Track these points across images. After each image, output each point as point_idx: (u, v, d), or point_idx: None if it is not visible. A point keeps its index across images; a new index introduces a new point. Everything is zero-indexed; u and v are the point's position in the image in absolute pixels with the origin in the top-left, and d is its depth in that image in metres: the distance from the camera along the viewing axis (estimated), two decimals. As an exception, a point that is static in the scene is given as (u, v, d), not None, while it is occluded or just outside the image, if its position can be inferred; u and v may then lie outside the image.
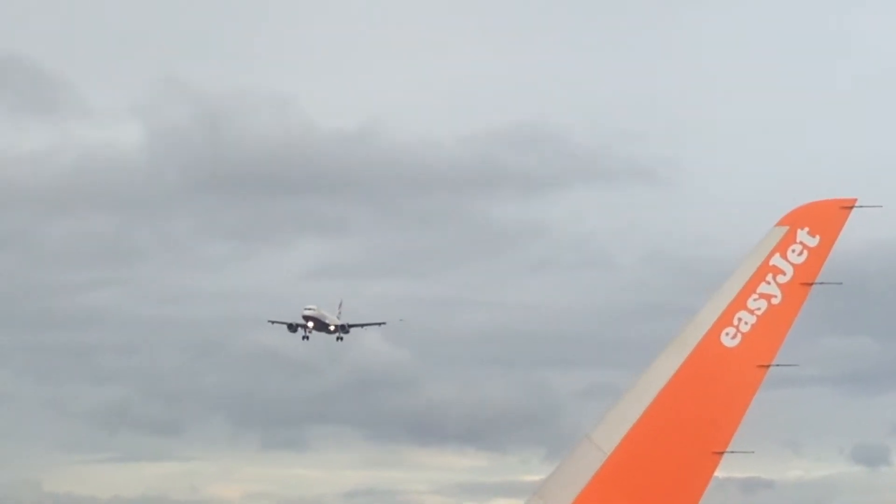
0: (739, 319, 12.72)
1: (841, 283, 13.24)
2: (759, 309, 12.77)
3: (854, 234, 13.33)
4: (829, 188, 13.34)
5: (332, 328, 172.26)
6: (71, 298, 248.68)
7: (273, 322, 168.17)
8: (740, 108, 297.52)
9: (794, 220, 13.06)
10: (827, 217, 13.27)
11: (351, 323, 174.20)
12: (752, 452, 12.33)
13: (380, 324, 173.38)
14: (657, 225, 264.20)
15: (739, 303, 12.81)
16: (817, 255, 12.91)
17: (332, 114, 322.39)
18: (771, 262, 12.90)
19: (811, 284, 12.91)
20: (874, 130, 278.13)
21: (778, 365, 12.70)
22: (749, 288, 12.94)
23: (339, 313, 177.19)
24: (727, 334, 12.75)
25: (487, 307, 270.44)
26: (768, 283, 12.96)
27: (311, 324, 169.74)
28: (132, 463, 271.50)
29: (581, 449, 12.15)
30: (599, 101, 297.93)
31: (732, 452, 12.25)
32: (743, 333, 12.74)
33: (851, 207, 13.19)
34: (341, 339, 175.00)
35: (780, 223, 13.09)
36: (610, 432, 12.16)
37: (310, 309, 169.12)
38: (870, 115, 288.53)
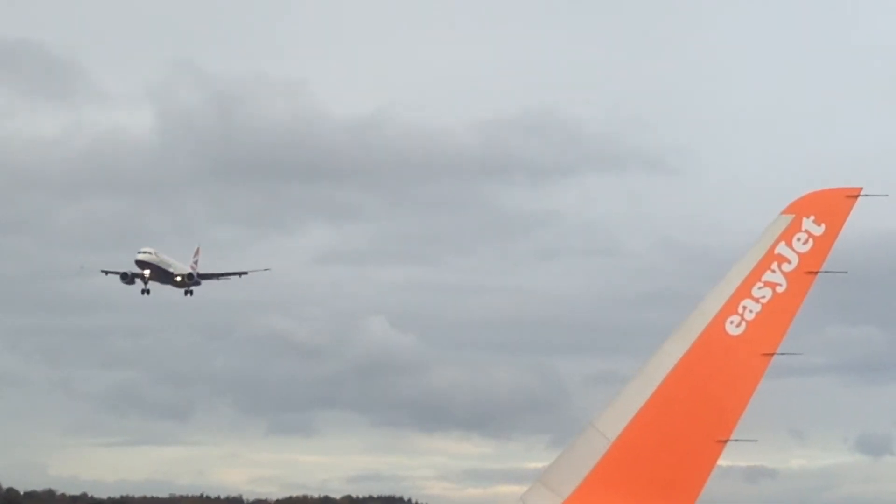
0: (744, 308, 12.47)
1: (846, 272, 12.98)
2: (763, 297, 12.52)
3: (859, 222, 13.09)
4: (835, 177, 13.09)
5: (177, 278, 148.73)
6: (82, 282, 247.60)
7: (107, 272, 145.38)
8: (750, 97, 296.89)
9: (800, 208, 12.80)
10: (832, 206, 13.00)
11: (204, 273, 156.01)
12: (756, 441, 12.11)
13: (240, 273, 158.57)
14: (666, 213, 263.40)
15: (744, 291, 12.56)
16: (822, 244, 12.65)
17: (344, 100, 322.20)
18: (776, 251, 12.64)
19: (816, 273, 12.65)
20: (882, 120, 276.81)
21: (782, 353, 12.44)
22: (754, 276, 12.68)
23: (196, 261, 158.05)
24: (732, 322, 12.49)
25: (496, 294, 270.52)
26: (773, 271, 12.69)
27: (147, 272, 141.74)
28: (138, 447, 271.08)
29: (585, 436, 11.92)
30: (610, 89, 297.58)
31: (736, 441, 12.01)
32: (747, 322, 12.49)
33: (857, 196, 12.94)
34: (190, 292, 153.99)
35: (786, 211, 12.84)
36: (614, 420, 11.92)
37: (145, 252, 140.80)
38: (878, 105, 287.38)
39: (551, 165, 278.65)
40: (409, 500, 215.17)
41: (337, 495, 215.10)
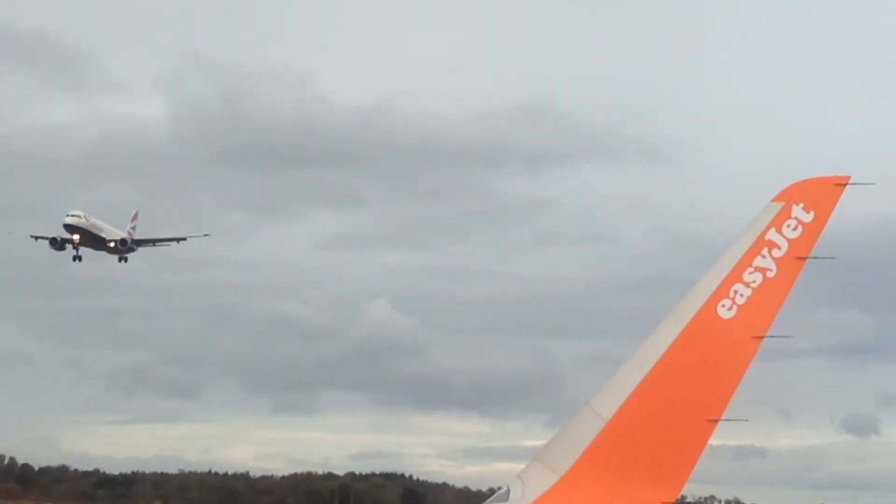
0: (735, 292, 12.73)
1: (834, 258, 13.25)
2: (754, 282, 12.78)
3: (848, 210, 13.34)
4: (824, 166, 13.34)
5: (110, 244, 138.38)
6: (94, 266, 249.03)
7: (36, 238, 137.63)
8: (742, 89, 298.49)
9: (790, 196, 13.06)
10: (821, 193, 13.27)
11: (139, 238, 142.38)
12: (746, 421, 12.39)
13: (178, 240, 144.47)
14: (661, 201, 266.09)
15: (735, 276, 12.82)
16: (812, 231, 12.90)
17: (348, 91, 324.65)
18: (767, 237, 12.91)
19: (805, 259, 12.91)
20: (870, 112, 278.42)
21: (772, 336, 12.71)
22: (745, 261, 12.96)
23: (133, 227, 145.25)
24: (723, 306, 12.76)
25: (494, 278, 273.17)
26: (764, 256, 12.97)
27: (76, 237, 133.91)
28: (148, 424, 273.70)
29: (581, 416, 12.19)
30: (605, 81, 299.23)
31: (727, 420, 12.29)
32: (738, 305, 12.75)
33: (845, 184, 13.18)
34: (125, 259, 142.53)
35: (776, 199, 13.10)
36: (609, 400, 12.20)
37: (73, 216, 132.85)
38: (866, 97, 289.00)
39: (547, 155, 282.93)
40: (410, 477, 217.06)
41: (340, 472, 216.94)
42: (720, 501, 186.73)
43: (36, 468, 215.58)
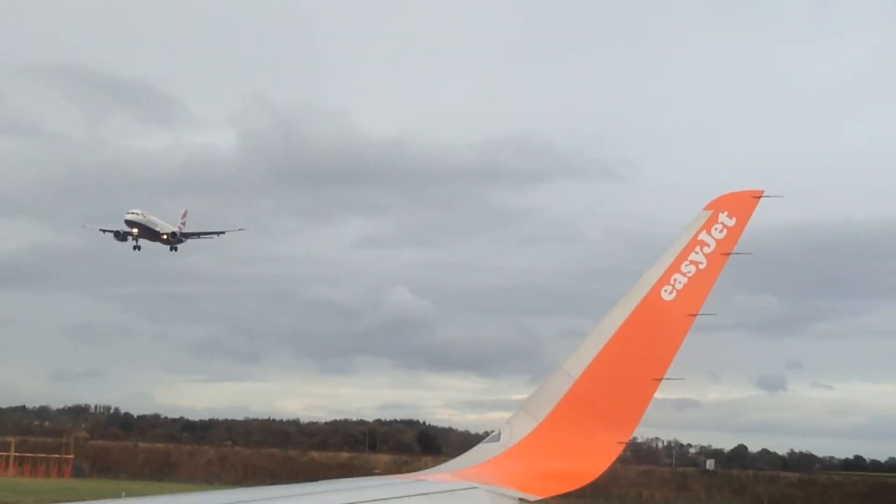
0: (675, 280, 12.66)
1: (752, 254, 13.23)
2: (689, 272, 12.72)
3: (762, 216, 13.31)
4: (745, 182, 13.38)
5: (163, 236, 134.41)
6: (179, 260, 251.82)
7: (104, 231, 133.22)
8: (679, 120, 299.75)
9: (717, 205, 13.04)
10: (741, 204, 13.27)
11: (186, 231, 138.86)
12: (683, 379, 12.33)
13: (218, 233, 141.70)
14: (616, 209, 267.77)
15: (675, 267, 12.77)
16: (734, 232, 12.84)
17: (377, 125, 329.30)
18: (699, 238, 12.87)
19: (729, 254, 12.85)
20: (781, 138, 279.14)
21: (703, 314, 12.65)
22: (682, 256, 12.94)
23: (183, 223, 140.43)
24: (666, 290, 12.70)
25: (489, 270, 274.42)
26: (697, 253, 12.95)
27: (135, 230, 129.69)
28: (221, 383, 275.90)
29: (556, 375, 12.18)
30: (573, 118, 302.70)
31: (668, 379, 12.24)
32: (677, 290, 12.68)
33: (760, 197, 13.16)
34: (175, 249, 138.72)
35: (707, 208, 13.07)
36: (577, 363, 12.19)
37: (132, 213, 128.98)
38: (778, 126, 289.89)
39: (531, 175, 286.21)
40: (424, 423, 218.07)
41: (369, 419, 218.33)
42: (663, 441, 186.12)
43: (135, 416, 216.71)
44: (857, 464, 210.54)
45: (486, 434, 11.61)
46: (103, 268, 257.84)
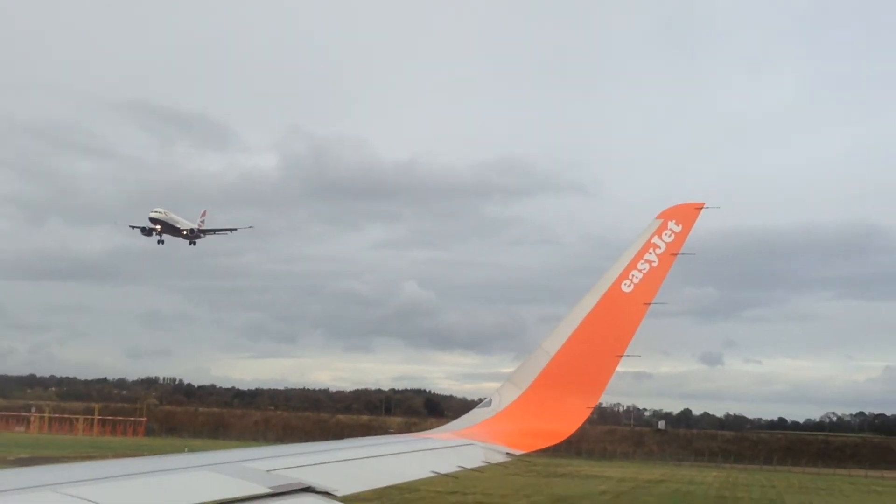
0: (633, 275, 12.60)
1: (694, 254, 13.19)
2: (644, 269, 12.66)
3: (704, 223, 13.25)
4: (691, 196, 13.39)
5: (184, 232, 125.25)
6: (231, 260, 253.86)
7: (133, 227, 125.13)
8: (637, 148, 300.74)
9: (667, 215, 12.99)
10: (686, 213, 13.24)
11: (204, 228, 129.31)
12: (640, 356, 12.28)
13: (231, 230, 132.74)
14: (587, 219, 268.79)
15: (632, 265, 12.71)
16: (680, 237, 12.78)
17: (391, 151, 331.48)
18: (652, 241, 12.80)
19: (676, 254, 12.80)
20: (719, 161, 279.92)
21: (655, 303, 12.59)
22: (638, 256, 12.88)
23: (202, 221, 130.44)
24: (625, 284, 12.64)
25: (483, 267, 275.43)
26: (650, 253, 12.89)
27: (158, 227, 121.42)
28: (265, 359, 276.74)
29: (536, 353, 12.14)
30: (552, 144, 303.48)
31: (627, 356, 12.19)
32: (635, 284, 12.61)
33: (701, 208, 13.13)
34: (193, 243, 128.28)
35: (658, 217, 13.01)
36: (554, 342, 12.15)
37: (156, 212, 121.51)
38: (719, 150, 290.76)
39: (517, 190, 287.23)
40: (429, 392, 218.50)
41: (385, 388, 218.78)
42: (623, 406, 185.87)
43: (195, 386, 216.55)
44: (780, 424, 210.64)
45: (480, 401, 11.56)
46: (170, 266, 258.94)
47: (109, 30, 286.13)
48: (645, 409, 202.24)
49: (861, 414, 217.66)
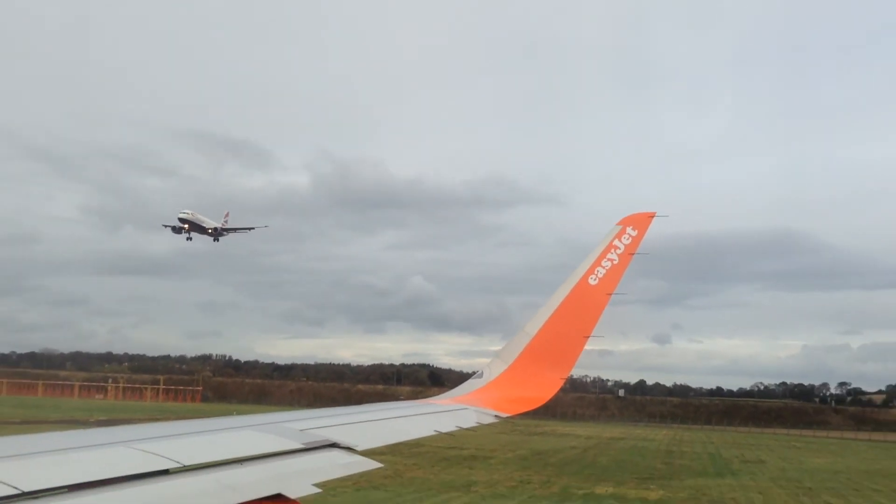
0: (598, 271, 12.57)
1: (648, 254, 13.17)
2: (607, 266, 12.63)
3: (655, 229, 13.21)
4: (644, 206, 13.37)
5: (209, 230, 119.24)
6: (270, 259, 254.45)
7: (165, 226, 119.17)
8: (602, 167, 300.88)
9: (625, 222, 12.95)
10: (641, 221, 13.20)
11: (226, 227, 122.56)
12: (603, 337, 12.28)
13: (249, 228, 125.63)
14: (561, 224, 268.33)
15: (598, 262, 12.68)
16: (636, 240, 12.74)
17: (402, 169, 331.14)
18: (613, 243, 12.76)
19: (633, 254, 12.77)
20: (669, 176, 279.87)
21: (616, 294, 12.58)
22: (602, 255, 12.85)
23: (225, 221, 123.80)
24: (592, 278, 12.63)
25: (476, 265, 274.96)
26: (612, 253, 12.86)
27: (186, 226, 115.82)
28: (299, 339, 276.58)
29: (519, 335, 12.11)
30: (533, 163, 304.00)
31: (594, 336, 12.17)
32: (599, 278, 12.59)
33: (653, 216, 13.09)
34: (217, 239, 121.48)
35: (618, 223, 12.98)
36: (533, 325, 12.11)
37: (184, 213, 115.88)
38: (667, 169, 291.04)
39: (503, 202, 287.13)
40: (432, 366, 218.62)
41: (397, 363, 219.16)
42: (590, 377, 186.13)
43: (242, 361, 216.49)
44: (718, 392, 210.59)
45: (473, 373, 11.55)
46: (222, 263, 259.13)
47: (173, 69, 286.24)
48: (608, 380, 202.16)
49: (783, 384, 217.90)
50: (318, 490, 5.20)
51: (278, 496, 5.07)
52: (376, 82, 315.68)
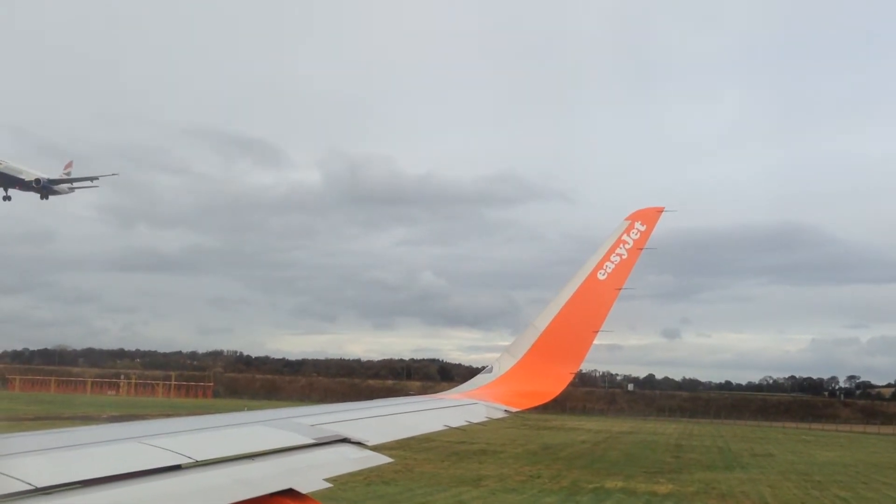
0: (607, 266, 12.51)
1: (656, 249, 13.10)
2: (616, 261, 12.57)
3: (663, 224, 13.15)
4: (652, 201, 13.28)
5: (32, 184, 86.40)
6: (283, 254, 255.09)
7: None
8: (609, 162, 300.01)
9: (634, 217, 12.89)
10: (650, 216, 13.14)
11: (56, 178, 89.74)
12: (612, 331, 12.22)
13: (93, 178, 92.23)
14: (569, 220, 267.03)
15: (606, 257, 12.63)
16: (645, 235, 12.67)
17: (412, 166, 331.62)
18: (622, 238, 12.71)
19: (642, 249, 12.71)
20: (676, 171, 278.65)
21: (625, 288, 12.52)
22: (611, 250, 12.79)
23: (67, 172, 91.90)
24: (601, 273, 12.57)
25: (485, 260, 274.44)
26: (620, 248, 12.80)
27: None
28: (310, 335, 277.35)
29: (529, 330, 12.07)
30: (540, 160, 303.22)
31: (603, 331, 12.12)
32: (608, 272, 12.54)
33: (662, 211, 13.02)
34: (46, 197, 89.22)
35: (627, 219, 12.92)
36: (542, 320, 12.07)
37: None
38: (674, 163, 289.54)
39: (512, 199, 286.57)
40: (442, 361, 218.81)
41: (406, 358, 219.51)
42: (599, 371, 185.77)
43: (253, 357, 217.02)
44: (726, 386, 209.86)
45: (483, 368, 11.53)
46: (232, 260, 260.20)
47: (185, 69, 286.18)
48: (617, 374, 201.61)
49: (792, 377, 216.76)
50: (329, 485, 5.19)
51: (290, 491, 5.07)
52: (386, 81, 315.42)
